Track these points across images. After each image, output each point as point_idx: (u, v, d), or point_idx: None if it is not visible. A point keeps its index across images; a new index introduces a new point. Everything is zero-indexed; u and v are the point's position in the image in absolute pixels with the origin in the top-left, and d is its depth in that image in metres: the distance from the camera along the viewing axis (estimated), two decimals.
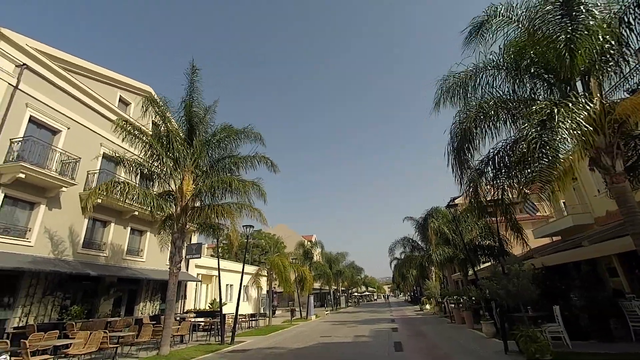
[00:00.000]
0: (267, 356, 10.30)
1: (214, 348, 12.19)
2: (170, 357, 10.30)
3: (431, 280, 31.56)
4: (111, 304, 15.80)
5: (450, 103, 9.47)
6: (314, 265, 34.80)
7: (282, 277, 22.79)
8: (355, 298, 67.83)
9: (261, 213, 13.78)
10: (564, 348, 8.47)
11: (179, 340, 14.14)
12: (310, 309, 27.60)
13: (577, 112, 4.89)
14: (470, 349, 9.69)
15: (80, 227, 14.56)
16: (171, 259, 11.59)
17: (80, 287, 14.50)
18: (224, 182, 11.95)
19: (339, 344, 12.20)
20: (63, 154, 13.61)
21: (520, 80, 8.00)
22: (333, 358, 9.50)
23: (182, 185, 12.20)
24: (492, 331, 11.50)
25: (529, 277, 8.51)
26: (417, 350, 10.10)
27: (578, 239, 13.29)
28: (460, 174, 7.75)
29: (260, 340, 14.38)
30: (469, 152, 7.56)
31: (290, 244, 44.48)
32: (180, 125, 13.31)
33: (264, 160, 13.63)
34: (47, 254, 12.87)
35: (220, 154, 13.82)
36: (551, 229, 17.90)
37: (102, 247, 15.81)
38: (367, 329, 16.80)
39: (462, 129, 7.57)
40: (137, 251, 18.20)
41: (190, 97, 12.65)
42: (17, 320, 11.54)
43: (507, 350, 8.64)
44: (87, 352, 9.40)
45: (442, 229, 20.06)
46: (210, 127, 13.81)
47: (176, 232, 11.90)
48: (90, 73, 16.27)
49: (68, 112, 14.44)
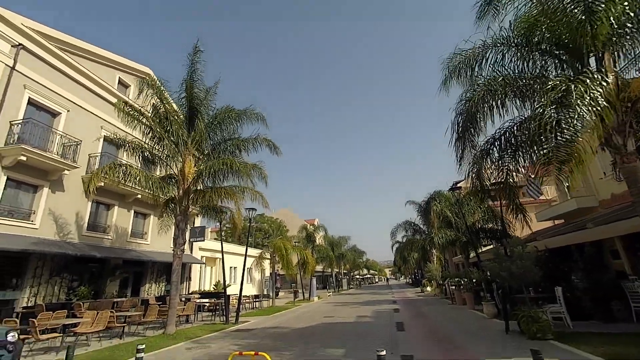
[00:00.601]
0: (271, 335, 10.49)
1: (218, 327, 12.44)
2: (176, 335, 10.51)
3: (432, 263, 31.89)
4: (117, 285, 16.08)
5: (457, 82, 9.28)
6: (317, 249, 35.13)
7: (284, 259, 23.02)
8: (357, 280, 68.90)
9: (263, 196, 13.78)
10: (565, 328, 8.55)
11: (185, 320, 14.44)
12: (313, 291, 28.05)
13: (594, 89, 4.69)
14: (472, 329, 9.82)
15: (84, 210, 14.64)
16: (175, 241, 11.66)
17: (86, 269, 14.72)
18: (226, 164, 11.85)
19: (341, 324, 12.41)
20: (64, 137, 13.52)
21: (530, 58, 7.73)
22: (336, 337, 9.65)
23: (184, 168, 12.14)
24: (493, 312, 11.63)
25: (532, 259, 8.50)
26: (419, 330, 10.24)
27: (582, 221, 13.24)
28: (462, 154, 7.61)
29: (264, 320, 14.66)
30: (474, 131, 7.38)
31: (292, 227, 44.81)
32: (181, 107, 13.12)
33: (266, 143, 13.49)
34: (53, 236, 12.99)
35: (222, 136, 13.67)
36: (554, 212, 17.82)
37: (107, 230, 15.95)
38: (369, 310, 17.07)
39: (468, 108, 7.37)
40: (142, 234, 18.37)
41: (190, 78, 12.39)
42: (25, 301, 11.77)
43: (509, 330, 8.74)
44: (94, 330, 9.60)
45: (444, 212, 20.03)
46: (212, 109, 13.64)
47: (179, 214, 11.93)
48: (88, 54, 15.96)
49: (67, 94, 14.25)
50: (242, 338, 10.05)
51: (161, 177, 13.78)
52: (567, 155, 4.70)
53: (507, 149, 7.33)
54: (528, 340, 7.61)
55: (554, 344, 7.09)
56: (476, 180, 8.44)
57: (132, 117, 11.46)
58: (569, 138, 4.73)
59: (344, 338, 9.36)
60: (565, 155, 4.70)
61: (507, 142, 7.32)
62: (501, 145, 7.44)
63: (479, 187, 8.26)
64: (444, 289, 23.55)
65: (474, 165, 8.33)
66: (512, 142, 7.26)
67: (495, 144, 7.87)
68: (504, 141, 7.37)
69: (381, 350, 4.27)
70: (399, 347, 7.90)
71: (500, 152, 7.45)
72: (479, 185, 8.41)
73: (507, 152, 7.34)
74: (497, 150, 7.55)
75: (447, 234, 18.85)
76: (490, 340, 8.13)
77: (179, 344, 9.30)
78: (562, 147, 4.76)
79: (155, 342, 9.63)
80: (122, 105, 11.40)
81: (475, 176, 8.37)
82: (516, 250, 8.79)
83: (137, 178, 10.69)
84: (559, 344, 7.09)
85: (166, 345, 9.16)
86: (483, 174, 8.39)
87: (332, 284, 46.40)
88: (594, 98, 4.62)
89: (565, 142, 4.77)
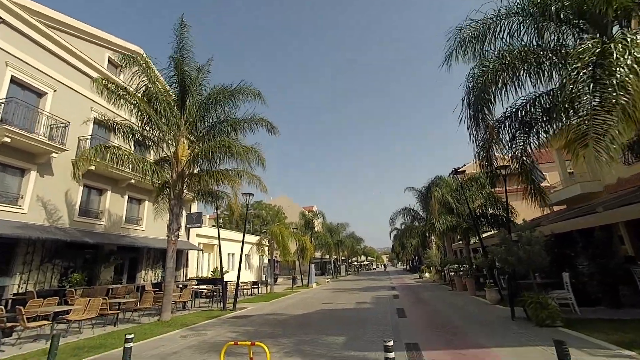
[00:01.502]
0: (269, 322, 10.22)
1: (215, 314, 12.19)
2: (171, 322, 10.23)
3: (431, 250, 31.83)
4: (112, 272, 15.75)
5: (463, 58, 8.73)
6: (315, 235, 34.94)
7: (281, 246, 22.77)
8: (355, 267, 69.30)
9: (260, 180, 13.34)
10: (572, 314, 8.29)
11: (182, 307, 14.20)
12: (312, 277, 27.97)
13: (634, 49, 4.19)
14: (476, 315, 9.57)
15: (75, 195, 14.15)
16: (169, 226, 11.25)
17: (79, 255, 14.35)
18: (222, 146, 11.31)
19: (341, 311, 12.17)
20: (51, 118, 12.90)
21: (546, 29, 7.18)
22: (336, 324, 9.38)
23: (177, 151, 11.63)
24: (496, 298, 11.39)
25: (541, 244, 8.15)
26: (421, 316, 9.99)
27: (588, 206, 12.92)
28: (476, 133, 7.12)
29: (262, 307, 14.44)
30: (486, 107, 6.89)
31: (291, 214, 44.57)
32: (172, 86, 12.49)
33: (263, 123, 12.93)
34: (42, 221, 12.54)
35: (217, 117, 13.10)
36: (557, 197, 17.51)
37: (100, 216, 15.51)
38: (369, 296, 16.90)
39: (480, 83, 6.85)
40: (136, 220, 17.95)
41: (180, 55, 11.72)
42: (16, 287, 11.41)
43: (514, 317, 8.47)
44: (86, 317, 9.28)
45: (445, 198, 19.69)
46: (205, 89, 13.01)
47: (173, 199, 11.48)
48: (76, 31, 15.14)
49: (53, 72, 13.54)
50: (239, 325, 9.77)
51: (155, 161, 13.31)
52: (605, 123, 4.21)
53: (521, 126, 6.84)
54: (536, 327, 7.34)
55: (564, 331, 6.81)
56: (485, 162, 8.01)
57: (116, 95, 10.80)
58: (609, 102, 4.24)
59: (343, 325, 9.08)
60: (603, 123, 4.21)
61: (522, 120, 6.83)
62: (516, 122, 6.95)
63: (488, 169, 7.81)
64: (443, 275, 23.47)
65: (484, 146, 7.88)
66: (526, 119, 6.78)
67: (506, 122, 7.40)
68: (518, 119, 6.88)
69: (388, 340, 3.90)
70: (401, 334, 7.62)
71: (514, 131, 6.96)
72: (488, 168, 7.97)
73: (522, 129, 6.86)
74: (511, 128, 7.06)
75: (448, 220, 18.55)
76: (497, 326, 7.85)
77: (174, 332, 9.00)
78: (601, 113, 4.26)
79: (149, 329, 9.34)
80: (104, 81, 10.69)
81: (485, 157, 7.94)
82: (524, 234, 8.44)
83: (128, 161, 10.14)
84: (569, 330, 6.82)
85: (160, 332, 8.85)
86: (493, 156, 7.95)
87: (331, 271, 46.52)
88: (635, 56, 4.12)
89: (603, 107, 4.27)
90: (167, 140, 11.71)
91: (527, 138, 6.90)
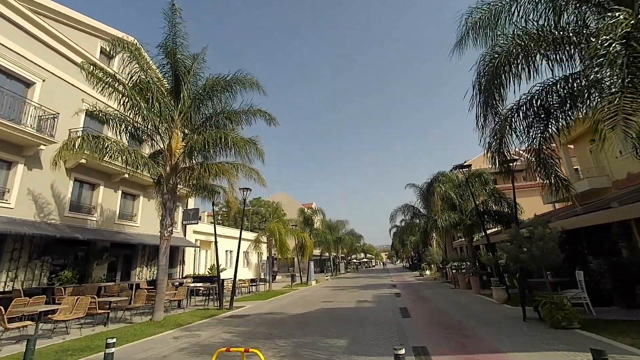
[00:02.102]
0: (267, 322, 9.75)
1: (211, 313, 11.72)
2: (164, 322, 9.75)
3: (432, 247, 31.42)
4: (105, 269, 15.26)
5: (474, 43, 8.27)
6: (315, 232, 34.50)
7: (279, 243, 22.31)
8: (355, 264, 68.93)
9: (259, 173, 12.82)
10: (587, 315, 7.84)
11: (177, 305, 13.73)
12: (311, 275, 27.50)
13: None
14: (484, 316, 9.10)
15: (66, 189, 13.62)
16: (162, 222, 10.75)
17: (70, 252, 13.86)
18: (218, 138, 10.78)
19: (341, 310, 11.72)
20: (39, 109, 12.35)
21: (564, 9, 6.66)
22: (336, 325, 8.91)
23: (171, 143, 11.10)
24: (503, 297, 10.93)
25: (555, 240, 7.68)
26: (426, 316, 9.53)
27: (600, 201, 12.45)
28: (484, 122, 6.62)
29: (259, 305, 13.97)
30: (498, 94, 6.38)
31: (290, 212, 44.07)
32: (166, 76, 11.94)
33: (261, 114, 12.39)
34: (31, 216, 12.03)
35: (213, 109, 12.56)
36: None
37: (92, 211, 14.99)
38: (369, 294, 16.45)
39: (492, 66, 6.33)
40: (131, 216, 17.44)
41: (172, 42, 11.15)
42: (2, 285, 10.92)
43: (526, 318, 8.01)
44: (73, 317, 8.78)
45: (448, 194, 19.23)
46: (200, 79, 12.46)
47: (166, 193, 10.96)
48: (65, 19, 14.54)
49: (42, 62, 12.97)
50: (235, 325, 9.30)
51: (150, 154, 12.80)
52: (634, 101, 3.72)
53: (538, 114, 6.32)
54: (550, 329, 6.89)
55: (582, 334, 6.35)
56: (497, 154, 7.51)
57: (104, 83, 10.24)
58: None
59: (344, 326, 8.61)
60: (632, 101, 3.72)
61: (538, 107, 6.31)
62: (532, 110, 6.42)
63: (501, 160, 7.32)
64: (445, 272, 23.05)
65: (495, 137, 7.38)
66: (544, 106, 6.26)
67: (520, 111, 6.88)
68: (534, 106, 6.35)
69: (399, 348, 3.41)
70: (406, 336, 7.15)
71: (530, 120, 6.44)
72: (501, 159, 7.48)
73: (539, 117, 6.34)
74: (526, 117, 6.54)
75: (451, 216, 18.09)
76: (509, 328, 7.38)
77: (166, 332, 8.52)
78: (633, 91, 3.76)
79: (140, 329, 8.86)
80: (89, 66, 10.12)
81: (496, 149, 7.44)
82: (536, 230, 7.96)
83: (117, 152, 9.59)
84: (588, 333, 6.35)
85: (151, 333, 8.37)
86: (504, 147, 7.45)
87: (330, 268, 46.13)
88: None
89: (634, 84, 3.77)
90: (160, 132, 11.17)
91: (545, 127, 6.38)
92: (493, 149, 7.66)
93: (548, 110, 6.21)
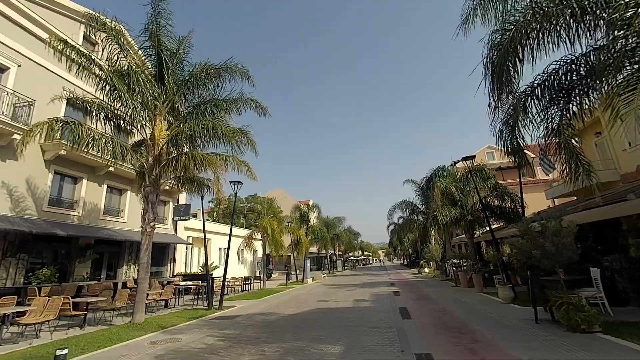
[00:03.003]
0: (256, 324, 9.02)
1: (199, 314, 10.98)
2: (144, 325, 8.99)
3: (431, 244, 30.81)
4: (89, 267, 14.45)
5: (482, 21, 7.58)
6: (311, 229, 33.78)
7: (271, 240, 21.57)
8: (352, 262, 68.37)
9: (249, 166, 12.05)
10: (605, 316, 7.16)
11: (163, 306, 12.99)
12: (307, 272, 26.81)
13: None
14: (491, 317, 8.41)
15: (45, 182, 12.79)
16: (143, 216, 9.97)
17: (50, 249, 13.05)
18: (206, 127, 9.98)
19: (337, 310, 11.01)
20: (12, 95, 11.50)
21: None
22: (331, 327, 8.20)
23: (154, 131, 10.31)
24: (509, 296, 10.27)
25: (572, 235, 6.99)
26: (429, 317, 8.83)
27: (610, 194, 11.81)
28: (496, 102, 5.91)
29: (251, 305, 13.24)
30: (513, 69, 5.64)
31: (287, 208, 43.26)
32: (150, 59, 11.12)
33: (251, 103, 11.61)
34: (6, 211, 11.23)
35: (201, 97, 11.78)
36: (567, 188, 16.40)
37: (74, 206, 14.17)
38: (367, 293, 15.77)
39: (507, 39, 5.58)
40: (117, 211, 16.62)
41: (156, 22, 10.33)
42: None
43: (538, 319, 7.33)
44: (44, 320, 8.00)
45: (449, 189, 18.54)
46: (188, 65, 11.66)
47: (149, 185, 10.17)
48: (44, 1, 13.66)
49: (17, 45, 12.12)
50: (221, 328, 8.55)
51: (133, 144, 12.02)
52: None
53: (559, 92, 5.57)
54: (568, 333, 6.20)
55: (605, 339, 5.66)
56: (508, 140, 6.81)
57: (76, 63, 9.42)
58: None
59: (340, 329, 7.89)
60: None
61: (559, 85, 5.56)
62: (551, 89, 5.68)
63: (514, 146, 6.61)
64: (445, 270, 22.42)
65: (508, 122, 6.67)
66: (566, 82, 5.52)
67: (537, 90, 6.14)
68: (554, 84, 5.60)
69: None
70: (409, 341, 6.44)
71: (548, 98, 5.70)
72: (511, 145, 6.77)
73: (560, 94, 5.60)
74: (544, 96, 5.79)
75: (451, 212, 17.40)
76: (521, 332, 6.69)
77: (144, 336, 7.77)
78: None
79: (116, 333, 8.09)
80: (58, 43, 9.27)
81: (508, 135, 6.73)
82: (549, 225, 7.26)
83: (92, 140, 8.75)
84: (611, 337, 5.66)
85: (128, 337, 7.61)
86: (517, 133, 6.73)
87: (327, 266, 45.48)
88: None
89: None
90: (143, 119, 10.35)
91: (566, 104, 5.64)
92: (504, 136, 6.96)
93: (570, 87, 5.49)
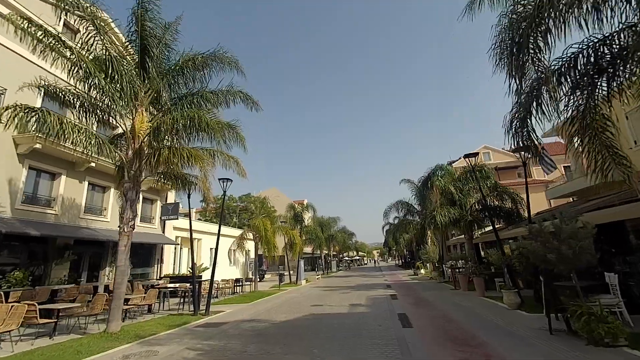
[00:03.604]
0: (243, 333, 8.25)
1: (183, 320, 10.18)
2: (120, 334, 8.15)
3: (428, 245, 30.25)
4: (67, 269, 13.54)
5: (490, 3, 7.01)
6: (305, 229, 33.04)
7: (263, 240, 20.81)
8: (347, 262, 67.71)
9: (238, 162, 11.29)
10: (625, 326, 6.53)
11: (147, 310, 12.15)
12: (301, 274, 26.04)
13: None
14: (500, 326, 7.75)
15: (18, 178, 11.88)
16: (121, 215, 9.14)
17: (24, 249, 12.14)
18: (190, 118, 9.18)
19: (332, 316, 10.28)
20: None
21: None
22: (325, 337, 7.48)
23: (135, 123, 9.49)
24: (515, 302, 9.63)
25: (590, 238, 6.36)
26: (431, 327, 8.15)
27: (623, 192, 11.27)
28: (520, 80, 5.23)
29: (241, 310, 12.46)
30: (543, 39, 4.90)
31: (281, 208, 42.44)
32: (132, 45, 10.29)
33: (241, 96, 10.83)
34: None
35: (187, 87, 10.98)
36: (569, 188, 15.87)
37: (52, 204, 13.26)
38: (363, 296, 15.07)
39: (530, 13, 4.90)
40: (99, 210, 15.72)
41: (140, 5, 9.53)
42: None
43: (552, 330, 6.68)
44: (4, 330, 7.15)
45: (447, 188, 17.95)
46: (174, 53, 10.84)
47: (128, 181, 9.34)
48: None
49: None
50: (204, 338, 7.77)
51: (111, 137, 11.21)
52: None
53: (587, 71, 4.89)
54: (591, 347, 5.55)
55: (635, 355, 5.01)
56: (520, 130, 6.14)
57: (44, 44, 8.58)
58: None
59: (335, 340, 7.17)
60: None
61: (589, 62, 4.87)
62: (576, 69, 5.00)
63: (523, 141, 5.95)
64: (442, 271, 21.83)
65: (520, 110, 6.00)
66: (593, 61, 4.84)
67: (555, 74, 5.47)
68: (586, 61, 4.90)
69: None
70: (412, 356, 5.74)
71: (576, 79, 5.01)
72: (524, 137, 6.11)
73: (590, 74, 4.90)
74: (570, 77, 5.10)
75: (450, 212, 16.80)
76: (537, 345, 6.01)
77: (117, 348, 6.97)
78: None
79: (87, 344, 7.28)
80: (22, 21, 8.40)
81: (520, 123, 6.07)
82: (564, 227, 6.61)
83: (61, 129, 7.89)
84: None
85: (98, 350, 6.81)
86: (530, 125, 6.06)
87: (321, 266, 44.74)
88: None
89: None
90: (122, 110, 9.50)
91: (594, 87, 4.95)
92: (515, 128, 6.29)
93: (600, 67, 4.82)
